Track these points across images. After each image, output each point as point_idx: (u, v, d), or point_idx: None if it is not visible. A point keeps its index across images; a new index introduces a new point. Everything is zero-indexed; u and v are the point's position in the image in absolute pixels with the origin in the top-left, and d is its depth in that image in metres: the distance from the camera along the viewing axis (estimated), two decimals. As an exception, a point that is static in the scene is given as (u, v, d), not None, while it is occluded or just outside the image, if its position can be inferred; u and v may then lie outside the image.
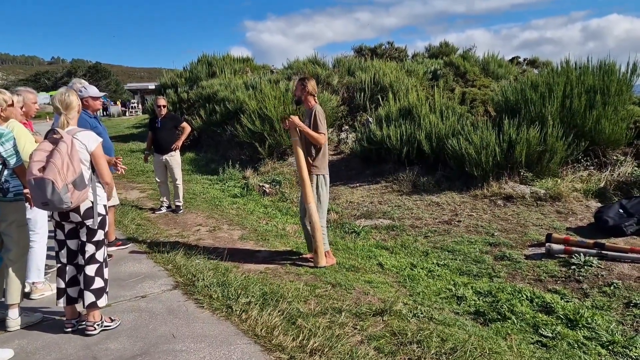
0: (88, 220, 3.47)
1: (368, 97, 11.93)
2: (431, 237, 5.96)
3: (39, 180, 3.17)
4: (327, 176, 5.08)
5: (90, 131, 3.62)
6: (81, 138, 3.45)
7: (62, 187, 3.19)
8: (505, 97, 8.61)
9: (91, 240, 3.52)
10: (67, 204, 3.25)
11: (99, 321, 3.59)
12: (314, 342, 3.24)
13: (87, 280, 3.50)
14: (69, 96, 3.51)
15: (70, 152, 3.27)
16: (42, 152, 3.27)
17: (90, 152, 3.48)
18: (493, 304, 4.15)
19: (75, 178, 3.27)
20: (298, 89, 5.03)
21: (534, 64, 20.84)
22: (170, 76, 19.16)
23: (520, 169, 7.21)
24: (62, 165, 3.20)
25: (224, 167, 10.72)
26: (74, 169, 3.27)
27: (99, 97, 5.39)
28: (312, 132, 4.85)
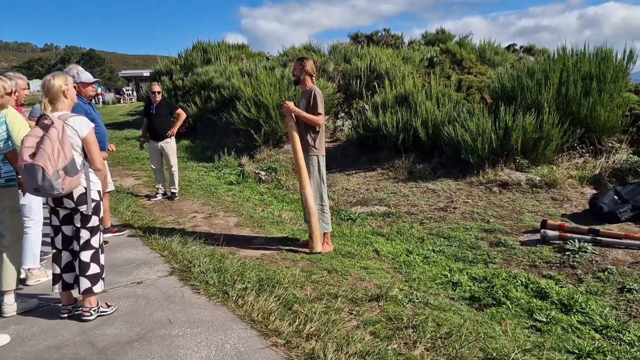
0: (81, 207, 3.46)
1: (364, 84, 11.88)
2: (427, 224, 5.98)
3: (29, 167, 3.14)
4: (324, 157, 5.07)
5: (82, 116, 3.57)
6: (72, 123, 3.41)
7: (53, 173, 3.15)
8: (502, 84, 8.59)
9: (85, 226, 3.50)
10: (59, 190, 3.22)
11: (95, 307, 3.60)
12: (310, 327, 3.25)
13: (83, 267, 3.50)
14: (50, 80, 3.43)
15: (61, 137, 3.23)
16: (33, 138, 3.23)
17: (81, 138, 3.44)
18: (488, 289, 4.17)
19: (67, 164, 3.24)
20: (297, 69, 4.99)
21: (530, 51, 20.77)
22: (165, 63, 19.01)
23: (516, 156, 7.21)
24: (52, 151, 3.17)
25: (220, 154, 10.69)
26: (64, 155, 3.23)
27: (91, 84, 5.33)
28: (308, 115, 4.83)
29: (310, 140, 4.92)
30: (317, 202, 4.97)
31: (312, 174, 4.95)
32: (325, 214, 5.02)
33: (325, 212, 5.02)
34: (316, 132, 4.94)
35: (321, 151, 5.00)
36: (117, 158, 11.56)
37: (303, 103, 4.94)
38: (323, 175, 5.01)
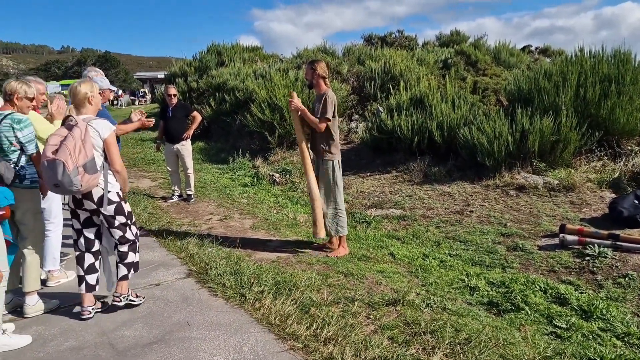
0: (102, 208, 3.56)
1: (378, 86, 11.86)
2: (443, 227, 5.94)
3: (51, 162, 3.27)
4: (340, 160, 5.05)
5: (105, 120, 3.66)
6: (95, 125, 3.52)
7: (73, 169, 3.26)
8: (518, 86, 8.52)
9: (113, 226, 3.66)
10: (77, 186, 3.32)
11: (125, 294, 3.76)
12: (327, 331, 3.25)
13: (122, 255, 3.73)
14: (76, 87, 3.60)
15: (83, 137, 3.37)
16: (57, 137, 3.38)
17: (103, 139, 3.54)
18: (506, 294, 4.13)
19: (86, 162, 3.35)
20: (308, 72, 4.98)
21: (546, 52, 20.58)
22: (179, 65, 19.16)
23: (533, 159, 7.14)
24: (74, 148, 3.29)
25: (234, 156, 10.74)
26: (85, 153, 3.35)
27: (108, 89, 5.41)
28: (312, 117, 4.84)
29: (324, 145, 4.90)
30: (331, 206, 4.96)
31: (327, 179, 4.94)
32: (341, 218, 5.01)
33: (341, 216, 5.01)
34: (330, 136, 4.92)
35: (337, 155, 4.99)
36: (133, 160, 11.68)
37: (317, 107, 4.93)
38: (338, 179, 4.98)
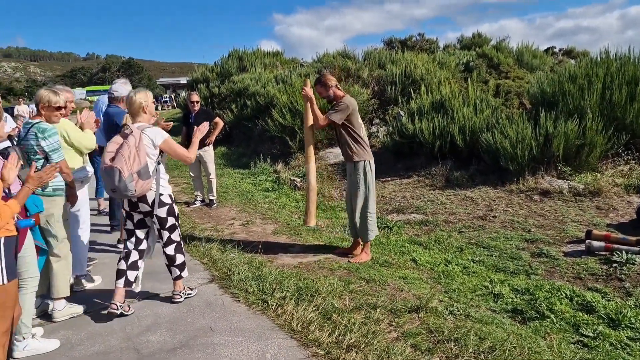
0: (156, 209, 3.82)
1: (399, 90, 11.82)
2: (466, 233, 5.89)
3: (109, 169, 3.57)
4: (372, 162, 4.99)
5: (158, 128, 3.90)
6: (149, 133, 3.76)
7: (128, 175, 3.54)
8: (542, 89, 8.41)
9: (164, 227, 3.92)
10: (131, 191, 3.59)
11: (182, 290, 4.05)
12: (350, 338, 3.24)
13: (170, 258, 4.00)
14: (132, 97, 3.86)
15: (137, 145, 3.62)
16: (114, 144, 3.68)
17: (158, 146, 3.79)
18: (531, 302, 4.07)
19: (140, 168, 3.61)
20: (322, 91, 4.94)
21: (570, 54, 20.26)
22: (202, 71, 19.40)
23: (557, 163, 7.04)
24: (129, 156, 3.56)
25: (256, 161, 10.81)
26: (139, 160, 3.61)
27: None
28: (316, 111, 4.89)
29: (352, 148, 4.88)
30: (364, 210, 4.92)
31: (359, 182, 4.88)
32: (372, 222, 4.98)
33: (372, 220, 4.98)
34: (355, 139, 4.90)
35: (366, 155, 4.91)
36: (156, 165, 11.83)
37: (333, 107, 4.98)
38: (370, 183, 4.92)
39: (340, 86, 5.10)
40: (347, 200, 5.15)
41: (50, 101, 3.76)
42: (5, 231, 2.45)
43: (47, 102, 3.75)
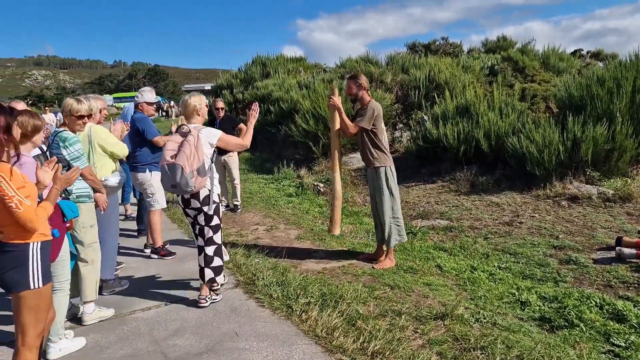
0: (205, 207, 3.99)
1: (423, 95, 11.75)
2: (491, 239, 5.81)
3: (171, 166, 3.76)
4: (393, 168, 5.01)
5: (211, 128, 4.15)
6: (205, 133, 4.00)
7: (189, 172, 3.74)
8: (569, 92, 8.27)
9: (209, 224, 4.05)
10: (192, 187, 3.79)
11: (208, 295, 4.13)
12: (374, 345, 3.23)
13: (208, 260, 4.08)
14: (187, 100, 4.12)
15: (196, 144, 3.83)
16: (174, 143, 3.88)
17: (214, 145, 4.04)
18: (559, 310, 3.99)
19: (199, 166, 3.82)
20: (352, 87, 4.92)
21: (598, 56, 19.87)
22: (225, 77, 19.60)
23: (586, 169, 6.90)
24: (189, 154, 3.76)
25: (279, 166, 10.87)
26: (198, 158, 3.82)
27: (154, 103, 5.67)
28: (345, 119, 4.86)
29: (373, 153, 4.89)
30: (389, 216, 4.92)
31: (382, 187, 4.89)
32: (400, 227, 4.98)
33: (399, 225, 4.98)
34: (376, 145, 4.90)
35: (387, 161, 4.93)
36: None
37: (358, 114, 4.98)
38: (393, 188, 4.93)
39: (369, 92, 5.09)
40: (372, 206, 5.16)
41: (72, 110, 3.83)
42: (41, 236, 2.53)
43: (69, 110, 3.84)
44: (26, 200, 2.36)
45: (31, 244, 2.47)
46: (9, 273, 2.44)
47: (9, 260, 2.44)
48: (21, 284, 2.45)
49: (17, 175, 2.39)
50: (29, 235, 2.46)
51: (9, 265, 2.43)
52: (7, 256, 2.44)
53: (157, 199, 5.46)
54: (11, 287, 2.47)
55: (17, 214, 2.34)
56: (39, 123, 3.05)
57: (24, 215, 2.35)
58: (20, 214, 2.34)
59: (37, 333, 2.52)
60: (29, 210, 2.37)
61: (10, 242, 2.44)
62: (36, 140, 3.12)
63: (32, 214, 2.38)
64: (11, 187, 2.32)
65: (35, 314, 2.48)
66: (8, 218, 2.38)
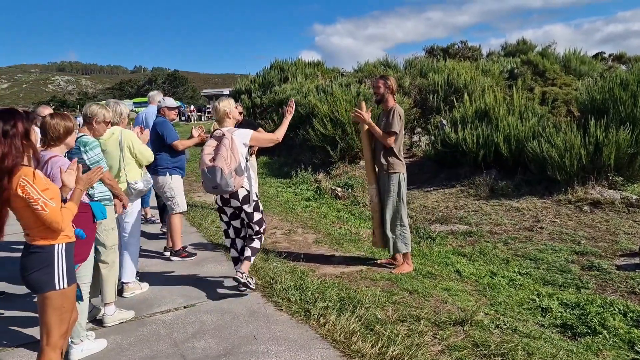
0: (245, 205, 4.22)
1: (441, 99, 11.70)
2: (511, 244, 5.74)
3: (210, 168, 4.00)
4: (405, 174, 4.99)
5: (243, 129, 4.32)
6: (238, 135, 4.18)
7: (228, 173, 3.98)
8: (591, 96, 8.14)
9: (252, 221, 4.30)
10: (232, 187, 4.04)
11: (247, 273, 4.31)
12: (393, 350, 3.21)
13: (254, 251, 4.38)
14: (217, 105, 4.33)
15: (231, 146, 4.05)
16: (210, 147, 4.12)
17: (247, 144, 4.23)
18: (582, 316, 3.93)
19: (236, 166, 4.05)
20: (381, 87, 4.85)
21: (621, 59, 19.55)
22: (244, 82, 19.74)
23: (608, 173, 6.79)
24: (226, 155, 4.00)
25: (297, 170, 10.90)
26: (234, 159, 4.05)
27: (174, 108, 5.78)
28: (379, 131, 4.81)
29: (389, 159, 4.87)
30: (397, 222, 4.91)
31: (393, 194, 4.89)
32: (406, 234, 4.95)
33: (406, 233, 4.95)
34: (391, 149, 4.88)
35: (401, 168, 4.93)
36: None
37: (383, 121, 4.90)
38: (403, 195, 4.93)
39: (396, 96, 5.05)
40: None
41: (105, 117, 3.98)
42: (65, 237, 2.57)
43: (102, 117, 3.95)
44: (51, 202, 2.41)
45: (56, 246, 2.52)
46: (35, 274, 2.49)
47: (35, 261, 2.49)
48: (47, 284, 2.50)
49: (40, 177, 2.44)
50: (54, 236, 2.51)
51: (35, 266, 2.49)
52: (33, 257, 2.50)
53: (177, 202, 5.51)
54: (37, 288, 2.53)
55: (44, 216, 2.39)
56: (70, 125, 3.14)
57: (50, 217, 2.41)
58: (46, 216, 2.40)
59: (61, 333, 2.56)
60: (55, 212, 2.42)
61: (36, 243, 2.49)
62: (69, 142, 3.22)
63: (58, 215, 2.44)
64: (36, 190, 2.37)
65: (60, 314, 2.53)
66: (34, 220, 2.44)
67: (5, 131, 2.36)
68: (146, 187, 4.55)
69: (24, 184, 2.35)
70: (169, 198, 5.51)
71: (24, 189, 2.35)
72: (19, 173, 2.37)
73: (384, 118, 4.89)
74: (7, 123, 2.38)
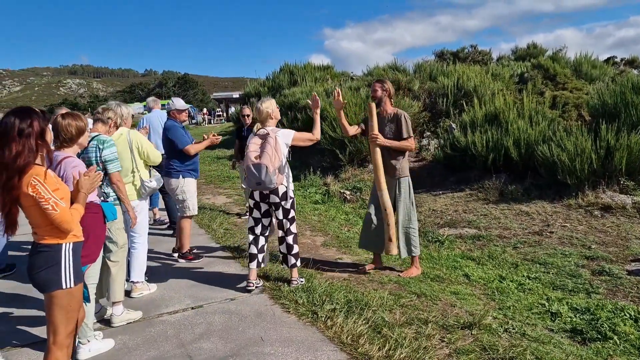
0: (283, 201, 4.40)
1: (451, 103, 11.65)
2: (521, 249, 5.70)
3: (256, 165, 4.20)
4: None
5: (285, 129, 4.50)
6: (281, 135, 4.39)
7: (272, 171, 4.17)
8: (602, 100, 8.07)
9: (287, 217, 4.48)
10: (274, 184, 4.23)
11: (298, 277, 4.59)
12: (400, 353, 3.20)
13: (289, 247, 4.54)
14: (259, 107, 4.48)
15: (274, 145, 4.25)
16: (255, 145, 4.32)
17: (289, 144, 4.43)
18: (592, 322, 3.88)
19: (280, 165, 4.26)
20: (377, 90, 4.89)
21: (632, 63, 19.38)
22: (254, 85, 19.82)
23: (620, 177, 6.72)
24: (271, 154, 4.20)
25: (305, 173, 10.90)
26: (278, 158, 4.24)
27: (184, 110, 5.73)
28: (402, 144, 4.78)
29: (398, 164, 4.86)
30: (407, 225, 4.89)
31: (405, 198, 4.87)
32: (415, 237, 4.93)
33: (415, 236, 4.93)
34: (403, 154, 4.88)
35: (407, 172, 4.96)
36: (209, 177, 12.17)
37: (390, 128, 4.86)
38: (413, 198, 4.97)
39: (393, 100, 5.05)
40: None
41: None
42: (73, 237, 2.59)
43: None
44: (62, 202, 2.43)
45: (64, 245, 2.54)
46: (42, 273, 2.51)
47: (42, 260, 2.51)
48: (54, 283, 2.51)
49: (52, 177, 2.47)
50: (62, 236, 2.53)
51: (42, 265, 2.51)
52: (41, 256, 2.51)
53: (188, 205, 5.50)
54: (44, 287, 2.54)
55: (54, 216, 2.41)
56: (82, 125, 3.17)
57: (60, 217, 2.43)
58: (56, 216, 2.42)
59: (68, 332, 2.58)
60: (65, 212, 2.44)
61: (44, 242, 2.51)
62: (82, 142, 3.26)
63: (68, 215, 2.45)
64: (47, 190, 2.40)
65: (67, 313, 2.54)
66: (42, 220, 2.46)
67: (21, 130, 2.39)
68: (159, 185, 4.63)
69: (35, 183, 2.38)
70: (181, 201, 5.50)
71: (34, 188, 2.37)
72: (31, 172, 2.40)
73: (390, 124, 4.86)
74: (23, 122, 2.41)
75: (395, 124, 4.82)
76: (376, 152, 4.80)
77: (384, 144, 4.76)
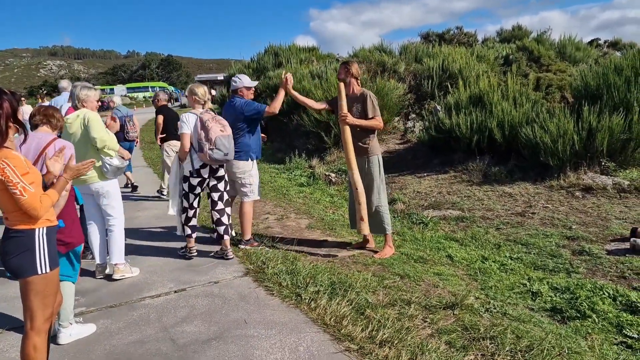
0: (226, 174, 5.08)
1: (436, 85, 11.65)
2: (503, 229, 5.75)
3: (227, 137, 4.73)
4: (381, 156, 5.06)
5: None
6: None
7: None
8: (585, 82, 8.12)
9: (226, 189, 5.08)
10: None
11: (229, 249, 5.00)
12: (383, 334, 3.22)
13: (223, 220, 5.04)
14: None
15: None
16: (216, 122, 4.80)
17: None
18: (571, 301, 3.94)
19: None
20: (342, 72, 5.02)
21: (615, 46, 19.52)
22: (238, 67, 19.59)
23: (601, 159, 6.79)
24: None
25: (291, 156, 10.86)
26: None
27: (252, 87, 5.39)
28: (370, 122, 4.83)
29: (367, 142, 4.89)
30: (378, 203, 4.92)
31: (373, 176, 4.90)
32: (386, 215, 4.96)
33: (386, 213, 4.96)
34: (373, 133, 4.93)
35: (378, 150, 5.01)
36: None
37: (357, 107, 4.87)
38: (382, 176, 5.02)
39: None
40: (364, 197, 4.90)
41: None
42: (46, 221, 2.51)
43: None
44: (30, 187, 2.33)
45: (37, 230, 2.46)
46: (15, 259, 2.43)
47: (14, 246, 2.43)
48: (28, 269, 2.45)
49: (21, 161, 2.37)
50: (34, 221, 2.44)
51: (15, 251, 2.43)
52: (13, 242, 2.43)
53: (253, 190, 5.22)
54: (18, 273, 2.47)
55: (21, 201, 2.32)
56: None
57: (28, 202, 2.33)
58: (24, 201, 2.32)
59: (46, 317, 2.53)
60: (34, 198, 2.34)
61: (16, 227, 2.43)
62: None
63: (37, 202, 2.35)
64: (15, 174, 2.30)
65: (43, 298, 2.49)
66: (12, 204, 2.37)
67: None
68: (122, 164, 4.40)
69: (3, 167, 2.29)
70: (247, 185, 5.18)
71: (3, 172, 2.28)
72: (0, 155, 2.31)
73: (356, 104, 4.88)
74: None
75: (361, 104, 4.85)
76: (346, 130, 4.81)
77: (353, 123, 4.80)
